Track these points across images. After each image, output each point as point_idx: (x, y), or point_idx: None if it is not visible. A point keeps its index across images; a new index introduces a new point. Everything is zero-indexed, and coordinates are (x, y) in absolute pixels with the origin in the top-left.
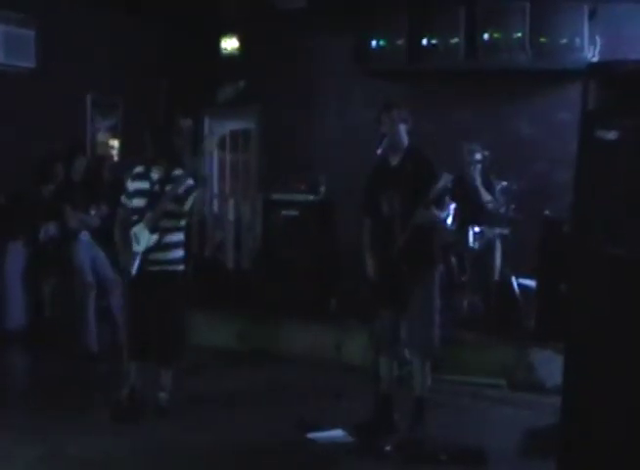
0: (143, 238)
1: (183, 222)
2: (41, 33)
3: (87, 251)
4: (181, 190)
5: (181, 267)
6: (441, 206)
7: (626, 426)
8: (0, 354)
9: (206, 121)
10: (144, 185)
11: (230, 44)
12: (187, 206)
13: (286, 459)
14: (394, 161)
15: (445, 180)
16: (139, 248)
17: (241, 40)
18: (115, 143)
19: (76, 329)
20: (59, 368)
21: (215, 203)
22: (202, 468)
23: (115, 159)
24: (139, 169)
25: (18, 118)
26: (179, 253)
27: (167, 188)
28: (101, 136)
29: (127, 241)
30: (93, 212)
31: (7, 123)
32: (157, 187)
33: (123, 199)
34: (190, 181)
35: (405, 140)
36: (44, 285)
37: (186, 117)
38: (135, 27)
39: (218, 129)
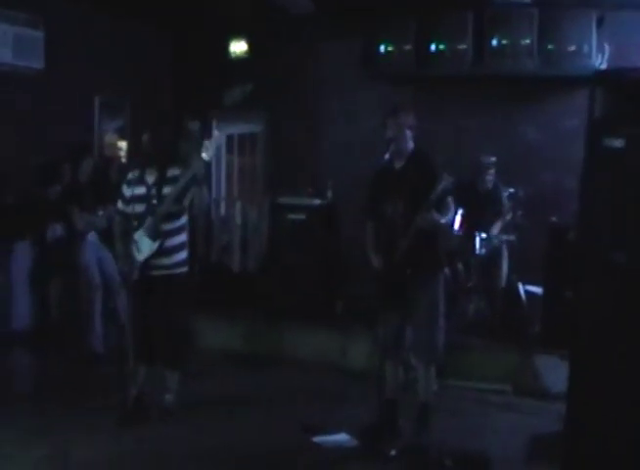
0: (144, 245)
1: (184, 221)
2: (50, 34)
3: (94, 251)
4: (178, 189)
5: (185, 269)
6: (443, 209)
7: (631, 433)
8: (6, 355)
9: (214, 124)
10: (140, 190)
11: (239, 47)
12: (185, 202)
13: (290, 463)
14: (399, 164)
15: (446, 182)
16: (141, 256)
17: (249, 43)
18: (123, 144)
19: (82, 330)
20: (64, 369)
21: (222, 206)
22: None
23: (123, 160)
24: (134, 174)
25: (26, 119)
26: (182, 255)
27: (165, 190)
28: (109, 137)
29: (127, 247)
30: (100, 213)
31: (15, 124)
32: (153, 191)
33: (120, 205)
34: (186, 178)
35: (411, 145)
36: (50, 286)
37: (194, 120)
38: (144, 29)
39: (225, 131)
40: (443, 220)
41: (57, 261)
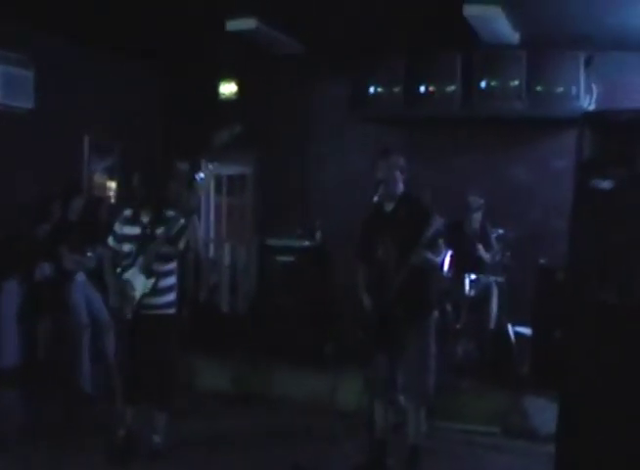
0: (138, 283)
1: (175, 264)
2: (40, 74)
3: (82, 291)
4: (173, 231)
5: (173, 310)
6: (435, 250)
7: None
8: None
9: (203, 165)
10: (134, 230)
11: (228, 88)
12: (180, 246)
13: None
14: (389, 207)
15: (438, 223)
16: (135, 293)
17: (238, 85)
18: (112, 185)
19: (70, 370)
20: (52, 409)
21: (211, 247)
22: None
23: (112, 200)
24: (128, 213)
25: (15, 159)
26: (172, 296)
27: (159, 231)
28: (98, 178)
29: (117, 284)
30: (89, 253)
31: (4, 163)
32: (148, 230)
33: (111, 241)
34: (181, 221)
35: (401, 187)
36: (39, 325)
37: (183, 161)
38: (133, 71)
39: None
40: (436, 260)
41: (45, 301)
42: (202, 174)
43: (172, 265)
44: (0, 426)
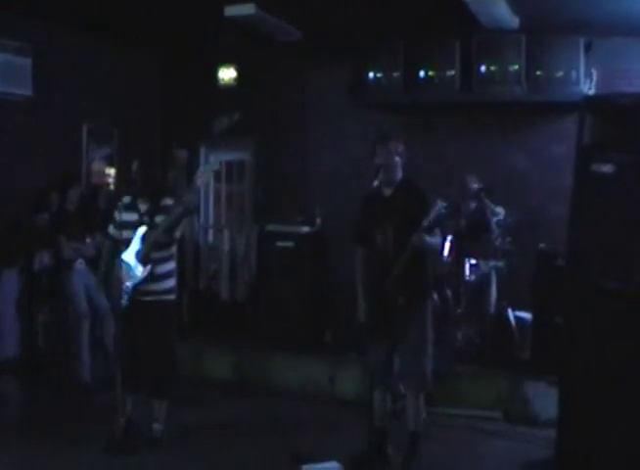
0: (135, 271)
1: (173, 250)
2: (38, 62)
3: (82, 280)
4: (170, 220)
5: (172, 297)
6: (433, 235)
7: (621, 458)
8: None
9: (202, 152)
10: (132, 217)
11: (227, 75)
12: (177, 234)
13: None
14: (388, 192)
15: (439, 207)
16: (131, 281)
17: (238, 71)
18: (111, 172)
19: (70, 359)
20: (52, 399)
21: (210, 233)
22: None
23: (111, 188)
24: (126, 200)
25: (13, 147)
26: (170, 282)
27: (157, 219)
28: (96, 165)
29: (115, 272)
30: (88, 241)
31: (2, 151)
32: (146, 218)
33: (111, 230)
34: (179, 209)
35: (400, 172)
36: (38, 314)
37: (182, 148)
38: (132, 57)
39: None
40: (435, 243)
41: (44, 290)
42: (203, 171)
43: (170, 252)
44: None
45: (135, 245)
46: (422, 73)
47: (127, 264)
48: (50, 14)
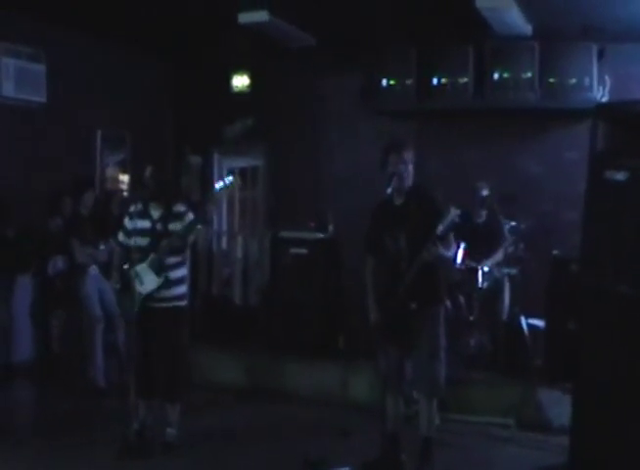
0: (148, 279)
1: (186, 256)
2: (52, 68)
3: (95, 285)
4: (185, 227)
5: (184, 303)
6: (447, 243)
7: (635, 467)
8: (7, 388)
9: (216, 158)
10: (145, 224)
11: (240, 81)
12: (189, 240)
13: None
14: (399, 200)
15: (453, 214)
16: (143, 289)
17: (251, 78)
18: (125, 178)
19: (84, 363)
20: (65, 403)
21: (224, 239)
22: None
23: (125, 193)
24: (137, 207)
25: (28, 152)
26: (182, 288)
27: (171, 226)
28: (110, 171)
29: (127, 279)
30: (102, 247)
31: (17, 157)
32: (159, 225)
33: (121, 237)
34: (191, 215)
35: (411, 180)
36: (52, 319)
37: (195, 154)
38: (146, 63)
39: (226, 165)
40: (448, 254)
41: (58, 294)
42: (221, 184)
43: (182, 257)
44: (14, 419)
45: (147, 252)
46: (435, 80)
47: (140, 273)
48: (64, 20)
